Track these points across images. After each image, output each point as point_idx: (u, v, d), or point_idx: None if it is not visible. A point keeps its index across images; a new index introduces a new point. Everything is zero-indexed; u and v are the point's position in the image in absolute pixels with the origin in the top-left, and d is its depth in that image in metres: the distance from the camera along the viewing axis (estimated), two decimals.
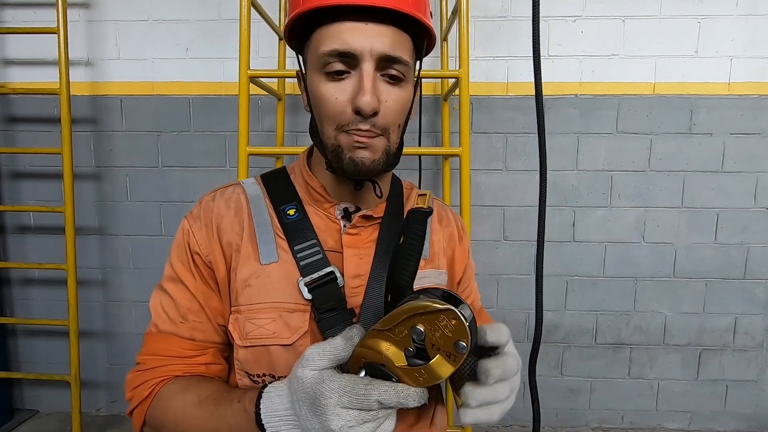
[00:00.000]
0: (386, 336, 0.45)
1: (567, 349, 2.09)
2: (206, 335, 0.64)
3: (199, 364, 0.63)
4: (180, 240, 0.66)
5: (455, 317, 0.41)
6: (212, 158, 2.02)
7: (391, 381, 0.45)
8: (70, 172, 1.81)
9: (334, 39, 0.55)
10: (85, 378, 1.96)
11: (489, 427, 2.11)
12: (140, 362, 0.63)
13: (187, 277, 0.64)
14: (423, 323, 0.43)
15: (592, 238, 2.02)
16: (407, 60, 0.58)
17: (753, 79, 1.92)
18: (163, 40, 1.96)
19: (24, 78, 1.99)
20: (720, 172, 1.96)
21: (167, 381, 0.61)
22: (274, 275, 0.61)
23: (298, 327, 0.60)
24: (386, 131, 0.58)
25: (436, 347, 0.43)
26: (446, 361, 0.42)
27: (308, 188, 0.67)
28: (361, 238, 0.66)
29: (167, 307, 0.64)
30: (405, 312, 0.43)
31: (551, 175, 1.98)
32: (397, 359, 0.44)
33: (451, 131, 1.90)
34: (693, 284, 2.03)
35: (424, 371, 0.43)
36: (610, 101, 1.94)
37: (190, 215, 0.67)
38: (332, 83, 0.56)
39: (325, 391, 0.45)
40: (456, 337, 0.41)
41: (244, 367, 0.62)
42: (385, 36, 0.55)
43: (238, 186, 0.69)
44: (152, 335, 0.64)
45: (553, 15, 1.91)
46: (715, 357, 2.07)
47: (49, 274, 2.10)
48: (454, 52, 1.82)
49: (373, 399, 0.44)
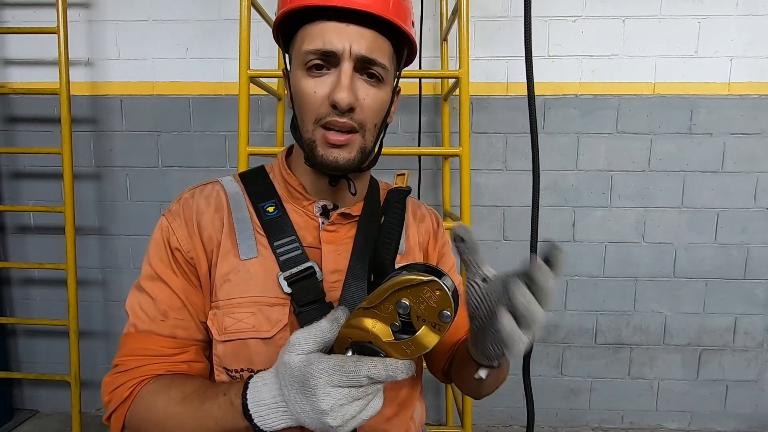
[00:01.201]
0: (372, 313, 0.46)
1: (567, 349, 2.09)
2: (188, 332, 0.63)
3: (180, 363, 0.62)
4: (159, 237, 0.65)
5: (439, 288, 0.42)
6: (212, 158, 2.02)
7: (380, 356, 0.45)
8: (70, 172, 1.81)
9: (317, 38, 0.57)
10: (85, 378, 1.96)
11: (489, 427, 2.12)
12: (118, 364, 0.62)
13: (168, 274, 0.63)
14: (408, 297, 0.44)
15: (592, 238, 2.02)
16: (385, 63, 0.60)
17: (753, 79, 1.92)
18: (163, 40, 1.96)
19: (24, 78, 1.99)
20: (720, 172, 1.96)
21: (148, 380, 0.60)
22: (254, 270, 0.62)
23: (278, 320, 0.60)
24: (362, 127, 0.60)
25: (421, 319, 0.44)
26: (432, 331, 0.44)
27: (287, 186, 0.69)
28: (339, 235, 0.67)
29: (146, 306, 0.63)
30: (389, 288, 0.44)
31: (551, 175, 1.98)
32: (384, 335, 0.45)
33: (451, 131, 1.90)
34: (693, 284, 2.03)
35: (411, 343, 0.44)
36: (610, 101, 1.94)
37: (169, 212, 0.66)
38: (312, 79, 0.59)
39: (314, 372, 0.45)
40: (440, 307, 0.43)
41: (223, 362, 0.62)
42: (365, 38, 0.58)
43: (217, 183, 0.70)
44: (130, 335, 0.62)
45: (553, 15, 1.91)
46: (715, 357, 2.07)
47: (49, 274, 2.10)
48: (454, 52, 1.82)
49: (363, 375, 0.44)
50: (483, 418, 2.12)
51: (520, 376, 0.73)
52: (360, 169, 0.64)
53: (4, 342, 2.13)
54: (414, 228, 0.75)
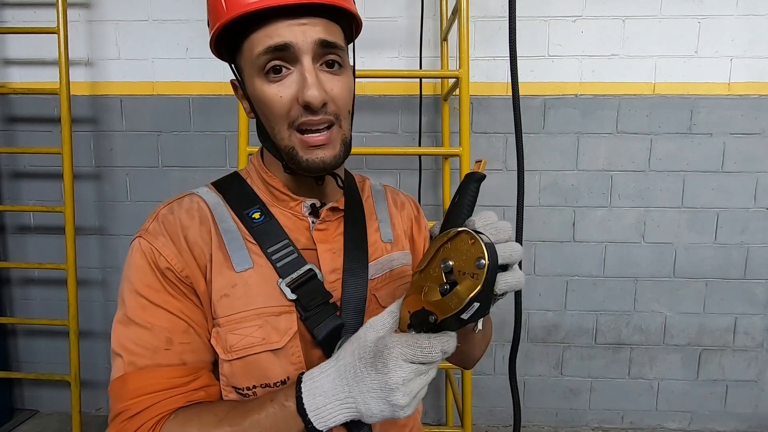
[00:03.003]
0: (422, 279, 0.48)
1: (567, 349, 2.09)
2: (198, 355, 0.57)
3: (197, 390, 0.56)
4: (141, 262, 0.58)
5: (472, 237, 0.44)
6: (212, 158, 2.02)
7: (431, 322, 0.46)
8: (70, 172, 1.81)
9: (268, 37, 0.54)
10: (85, 378, 1.96)
11: (489, 427, 2.12)
12: (123, 410, 0.53)
13: (162, 298, 0.57)
14: (450, 254, 0.46)
15: (592, 238, 2.02)
16: (342, 45, 0.59)
17: (753, 79, 1.92)
18: (163, 40, 1.96)
19: (24, 78, 2.00)
20: (720, 172, 1.96)
21: (168, 417, 0.53)
22: (253, 281, 0.59)
23: (288, 329, 0.58)
24: (338, 118, 0.58)
25: (461, 272, 0.45)
26: (470, 281, 0.44)
27: (270, 189, 0.66)
28: (329, 234, 0.66)
29: (141, 340, 0.55)
30: (434, 246, 0.47)
31: (551, 175, 1.98)
32: (433, 297, 0.47)
33: (451, 131, 1.90)
34: (693, 284, 2.03)
35: (453, 296, 0.45)
36: (610, 101, 1.94)
37: (146, 232, 0.60)
38: (274, 84, 0.56)
39: (389, 343, 0.46)
40: (475, 254, 0.44)
41: (231, 381, 0.58)
42: (318, 26, 0.56)
43: (194, 195, 0.65)
44: (129, 376, 0.54)
45: (553, 15, 1.91)
46: (715, 357, 2.07)
47: (49, 274, 2.10)
48: (454, 52, 1.82)
49: (437, 350, 0.46)
50: (483, 418, 2.12)
51: (524, 378, 0.74)
52: (344, 160, 0.63)
53: (4, 342, 2.13)
54: (398, 216, 0.75)
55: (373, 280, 0.66)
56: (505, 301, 0.52)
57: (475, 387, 1.87)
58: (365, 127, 1.97)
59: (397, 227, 0.73)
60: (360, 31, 0.66)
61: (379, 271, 0.67)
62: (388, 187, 0.80)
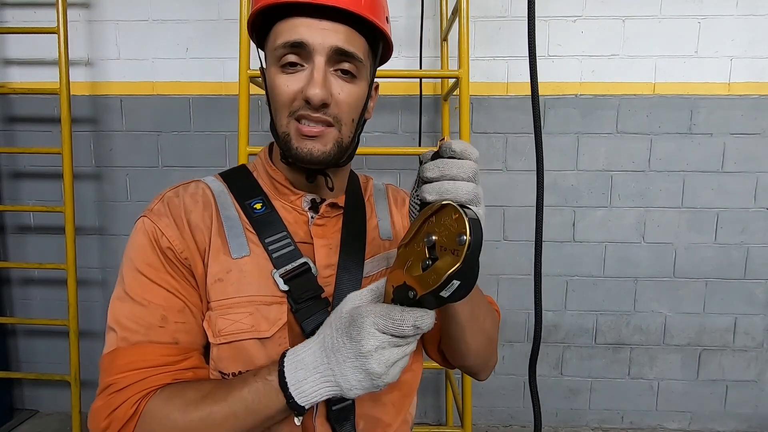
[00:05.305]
0: (406, 254, 0.47)
1: (567, 349, 2.09)
2: (191, 336, 0.58)
3: (185, 370, 0.57)
4: (143, 241, 0.60)
5: (455, 211, 0.42)
6: (212, 158, 2.02)
7: (411, 297, 0.45)
8: (70, 172, 1.80)
9: (289, 32, 0.57)
10: (85, 378, 1.96)
11: (489, 427, 2.12)
12: (112, 383, 0.54)
13: (161, 276, 0.58)
14: (433, 229, 0.44)
15: (592, 238, 2.02)
16: (360, 57, 0.59)
17: (753, 79, 1.92)
18: (163, 40, 1.96)
19: (24, 78, 1.99)
20: (720, 172, 1.96)
21: (153, 393, 0.53)
22: (247, 269, 0.60)
23: (277, 319, 0.59)
24: (338, 121, 0.60)
25: (443, 248, 0.43)
26: (451, 257, 0.42)
27: (273, 182, 0.67)
28: (327, 229, 0.67)
29: (136, 316, 0.56)
30: (418, 219, 0.46)
31: (551, 175, 1.98)
32: (415, 272, 0.45)
33: (451, 131, 1.90)
34: (693, 284, 2.03)
35: (432, 272, 0.43)
36: (610, 101, 1.94)
37: (151, 212, 0.62)
38: (286, 75, 0.58)
39: (362, 311, 0.47)
40: (457, 230, 0.42)
41: (218, 365, 0.59)
42: (339, 32, 0.57)
43: (200, 182, 0.67)
44: (121, 351, 0.55)
45: (553, 15, 1.91)
46: (715, 357, 2.07)
47: (49, 274, 2.10)
48: (454, 52, 1.82)
49: (409, 324, 0.45)
50: (483, 418, 2.12)
51: (524, 379, 0.73)
52: (337, 164, 0.64)
53: (4, 342, 2.13)
54: (398, 214, 0.76)
55: (369, 277, 0.66)
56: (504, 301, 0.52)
57: (475, 387, 1.87)
58: (365, 127, 1.97)
59: (396, 225, 0.75)
60: (390, 53, 0.68)
61: (375, 268, 0.68)
62: (389, 186, 0.81)
